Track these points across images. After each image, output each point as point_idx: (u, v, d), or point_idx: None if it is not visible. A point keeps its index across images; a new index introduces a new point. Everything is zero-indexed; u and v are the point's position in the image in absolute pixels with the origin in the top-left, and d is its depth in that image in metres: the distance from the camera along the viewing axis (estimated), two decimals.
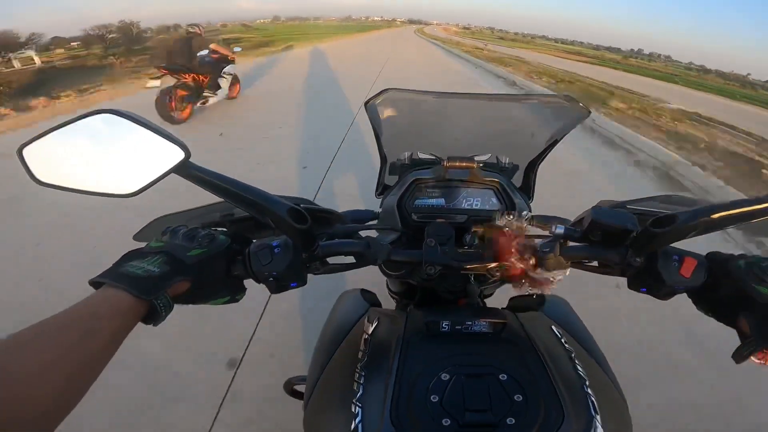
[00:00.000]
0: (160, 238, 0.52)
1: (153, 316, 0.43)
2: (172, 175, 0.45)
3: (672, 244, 0.51)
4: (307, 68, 10.08)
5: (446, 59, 15.66)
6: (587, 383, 0.49)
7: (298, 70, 9.69)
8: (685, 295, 0.52)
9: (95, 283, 0.42)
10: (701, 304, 0.52)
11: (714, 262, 0.51)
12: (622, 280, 0.56)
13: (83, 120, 0.41)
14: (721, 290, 0.49)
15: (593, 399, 0.47)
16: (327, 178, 3.38)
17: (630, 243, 0.52)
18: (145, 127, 0.42)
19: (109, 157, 0.43)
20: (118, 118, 0.41)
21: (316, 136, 4.45)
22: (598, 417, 0.45)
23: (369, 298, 0.73)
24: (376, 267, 0.66)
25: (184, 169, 0.44)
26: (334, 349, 0.61)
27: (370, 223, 0.71)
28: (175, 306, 0.46)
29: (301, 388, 0.71)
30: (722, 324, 0.50)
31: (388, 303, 0.88)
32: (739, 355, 0.45)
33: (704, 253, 0.53)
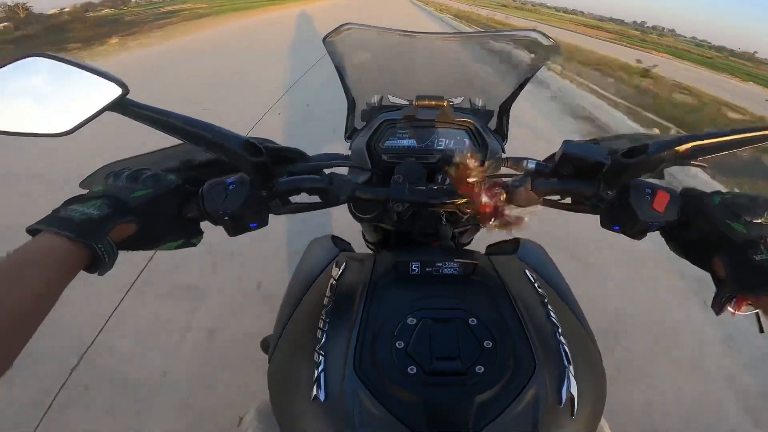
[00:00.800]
0: (101, 182, 0.49)
1: (96, 262, 0.40)
2: None
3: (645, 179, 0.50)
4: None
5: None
6: (560, 331, 0.48)
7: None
8: None
9: (32, 231, 0.39)
10: (674, 244, 0.51)
11: (688, 198, 0.49)
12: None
13: (13, 64, 0.42)
14: (695, 229, 0.47)
15: (566, 348, 0.46)
16: None
17: (602, 176, 0.50)
18: (77, 66, 0.42)
19: (43, 99, 0.44)
20: (49, 60, 0.42)
21: None
22: (571, 368, 0.44)
23: (340, 244, 0.71)
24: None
25: (121, 105, 0.43)
26: (301, 297, 0.59)
27: (338, 161, 0.68)
28: None
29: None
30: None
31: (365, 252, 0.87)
32: (717, 303, 0.43)
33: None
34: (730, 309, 0.42)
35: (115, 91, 0.43)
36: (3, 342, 0.33)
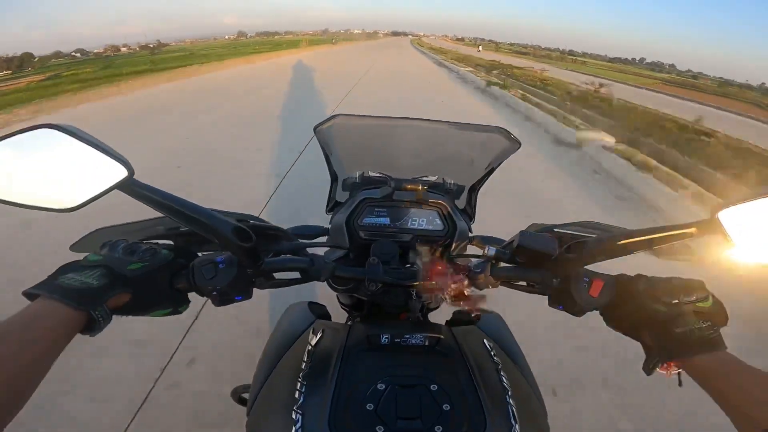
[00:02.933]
0: (98, 252, 0.52)
1: (91, 326, 0.44)
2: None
3: (588, 266, 0.57)
4: None
5: None
6: (510, 393, 0.54)
7: None
8: None
9: (29, 295, 0.42)
10: (610, 321, 0.58)
11: (620, 283, 0.56)
12: None
13: (24, 134, 0.41)
14: (626, 308, 0.55)
15: (514, 409, 0.52)
16: None
17: (549, 265, 0.57)
18: (87, 143, 0.42)
19: (50, 172, 0.43)
20: (60, 133, 0.41)
21: None
22: (517, 426, 0.50)
23: (316, 310, 0.75)
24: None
25: (127, 186, 0.45)
26: (278, 359, 0.64)
27: (317, 240, 0.74)
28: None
29: (248, 396, 0.72)
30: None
31: (340, 313, 0.91)
32: (647, 368, 0.51)
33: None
34: (659, 371, 0.50)
35: (121, 172, 0.43)
36: (9, 396, 0.35)
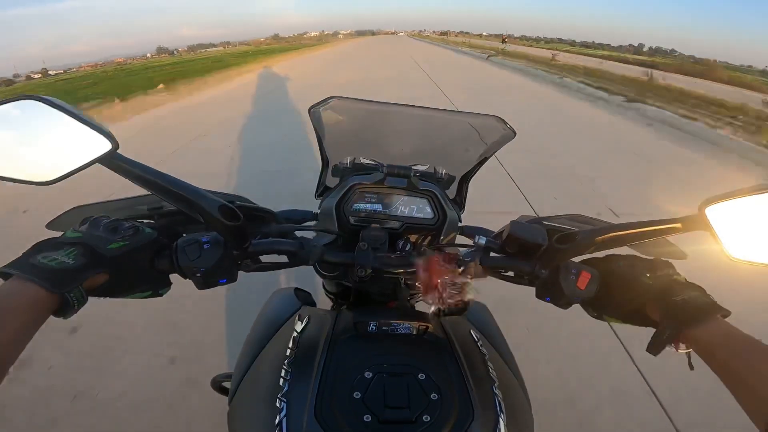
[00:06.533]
0: (77, 228, 0.49)
1: (65, 309, 0.42)
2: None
3: (575, 259, 0.58)
4: None
5: None
6: (496, 384, 0.54)
7: None
8: None
9: (3, 275, 0.40)
10: (602, 311, 0.57)
11: (602, 268, 0.57)
12: None
13: (5, 105, 0.40)
14: (615, 292, 0.54)
15: (500, 399, 0.52)
16: None
17: (539, 256, 0.58)
18: (71, 115, 0.40)
19: (31, 144, 0.42)
20: (43, 104, 0.40)
21: None
22: (503, 416, 0.50)
23: (302, 296, 0.74)
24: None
25: (109, 160, 0.43)
26: (262, 346, 0.62)
27: (307, 224, 0.72)
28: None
29: (228, 385, 0.70)
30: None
31: (325, 302, 0.90)
32: (655, 346, 0.48)
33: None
34: (672, 349, 0.47)
35: (105, 146, 0.42)
36: None
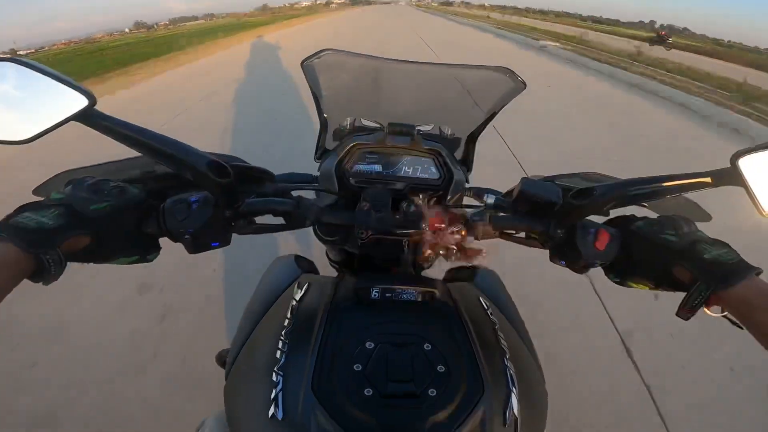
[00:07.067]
0: (61, 190, 0.47)
1: (41, 273, 0.39)
2: None
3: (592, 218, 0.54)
4: None
5: None
6: (507, 356, 0.51)
7: None
8: None
9: None
10: (624, 276, 0.53)
11: (621, 228, 0.52)
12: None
13: None
14: (638, 254, 0.50)
15: (512, 372, 0.48)
16: None
17: (553, 214, 0.53)
18: (45, 74, 0.41)
19: (8, 104, 0.42)
20: (19, 66, 0.40)
21: None
22: (515, 390, 0.46)
23: (303, 264, 0.71)
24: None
25: (87, 116, 0.42)
26: (261, 316, 0.60)
27: (305, 183, 0.68)
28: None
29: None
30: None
31: (328, 272, 0.88)
32: (687, 308, 0.43)
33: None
34: (707, 311, 0.43)
35: (81, 102, 0.42)
36: None
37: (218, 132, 4.12)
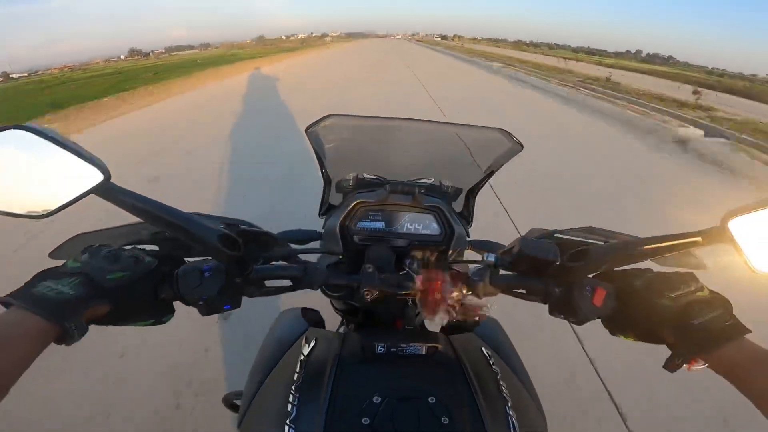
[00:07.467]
0: (78, 258, 0.49)
1: (65, 338, 0.41)
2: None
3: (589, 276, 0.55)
4: None
5: None
6: (509, 404, 0.52)
7: None
8: None
9: (4, 303, 0.40)
10: (618, 329, 0.55)
11: (618, 286, 0.54)
12: None
13: None
14: (632, 312, 0.52)
15: (514, 420, 0.50)
16: None
17: (551, 273, 0.55)
18: (60, 145, 0.39)
19: (21, 176, 0.41)
20: (30, 134, 0.39)
21: None
22: None
23: (310, 316, 0.73)
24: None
25: (103, 190, 0.43)
26: (270, 368, 0.61)
27: (310, 246, 0.71)
28: None
29: (239, 402, 0.69)
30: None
31: (335, 317, 0.89)
32: (671, 366, 0.47)
33: None
34: (686, 368, 0.47)
35: (97, 176, 0.41)
36: None
37: None
